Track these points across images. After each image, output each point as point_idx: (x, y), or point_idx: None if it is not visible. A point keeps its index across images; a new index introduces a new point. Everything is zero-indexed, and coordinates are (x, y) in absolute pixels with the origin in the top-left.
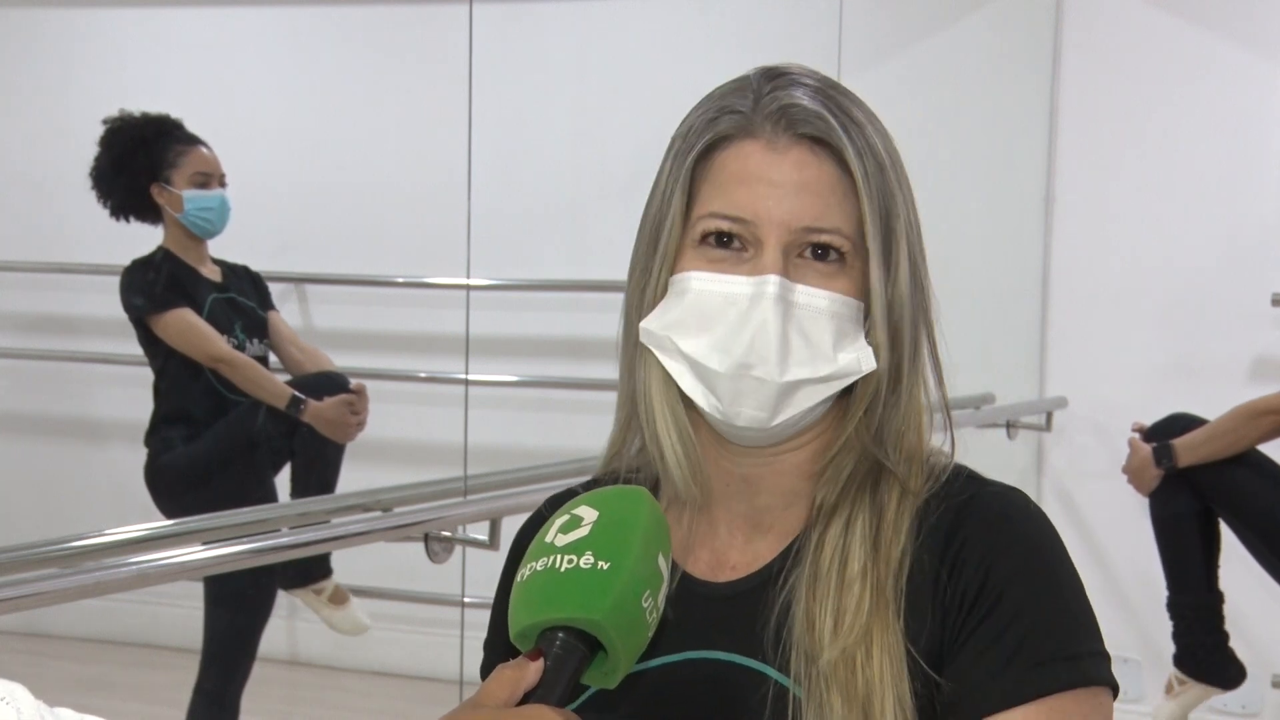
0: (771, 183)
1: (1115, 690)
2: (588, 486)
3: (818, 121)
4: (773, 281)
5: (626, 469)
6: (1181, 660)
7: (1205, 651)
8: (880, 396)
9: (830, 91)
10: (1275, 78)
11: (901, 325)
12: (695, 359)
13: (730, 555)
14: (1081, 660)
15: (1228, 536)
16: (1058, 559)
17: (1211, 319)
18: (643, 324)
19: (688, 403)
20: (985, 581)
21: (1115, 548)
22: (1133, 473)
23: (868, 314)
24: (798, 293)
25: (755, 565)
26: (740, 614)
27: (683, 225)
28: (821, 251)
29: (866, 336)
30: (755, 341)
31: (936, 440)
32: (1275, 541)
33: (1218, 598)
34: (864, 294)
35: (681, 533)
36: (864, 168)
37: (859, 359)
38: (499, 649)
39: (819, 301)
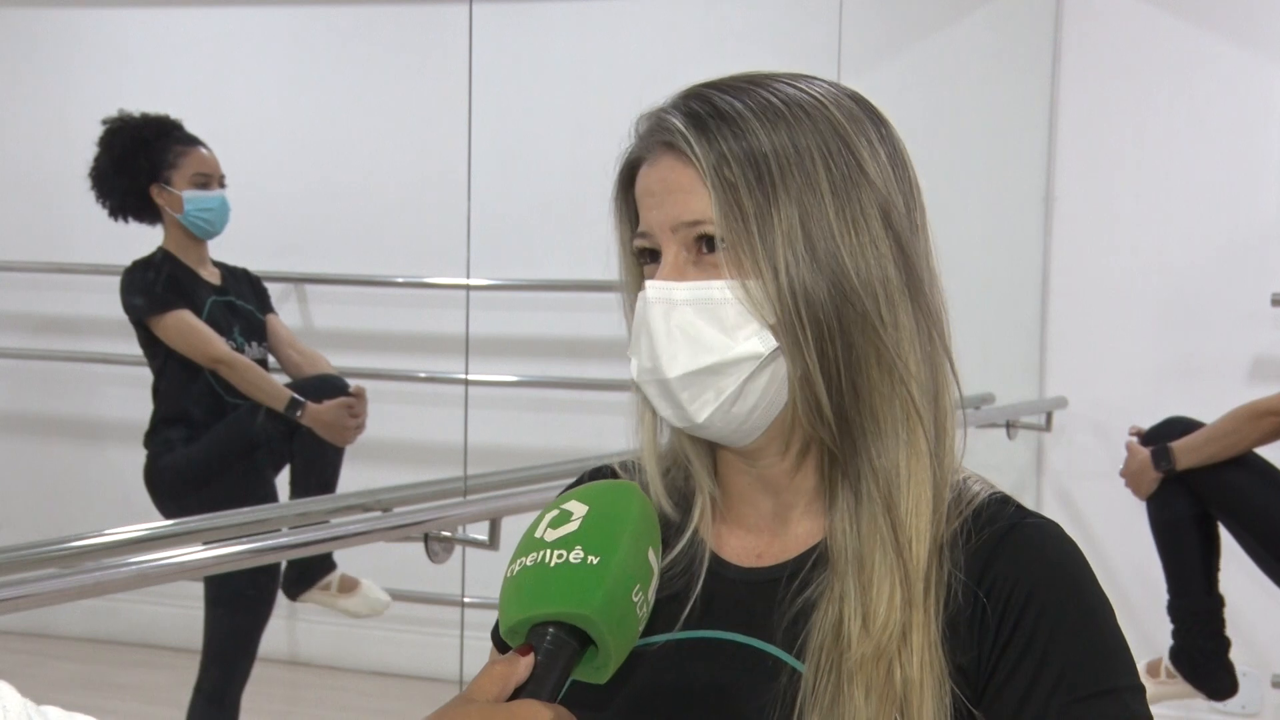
0: (652, 193)
1: None
2: (625, 468)
3: (669, 130)
4: (650, 286)
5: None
6: (1178, 659)
7: (1204, 657)
8: (812, 386)
9: (712, 91)
10: (1275, 78)
11: (804, 305)
12: (633, 373)
13: (758, 544)
14: (1121, 694)
15: (1227, 539)
16: (1095, 593)
17: (1211, 319)
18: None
19: None
20: (1024, 613)
21: (1115, 548)
22: (1131, 476)
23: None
24: (678, 289)
25: (782, 557)
26: (760, 601)
27: (632, 254)
28: (708, 245)
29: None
30: (648, 347)
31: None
32: (1273, 544)
33: (1218, 601)
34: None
35: (714, 517)
36: (706, 155)
37: (761, 339)
38: None
39: (698, 293)
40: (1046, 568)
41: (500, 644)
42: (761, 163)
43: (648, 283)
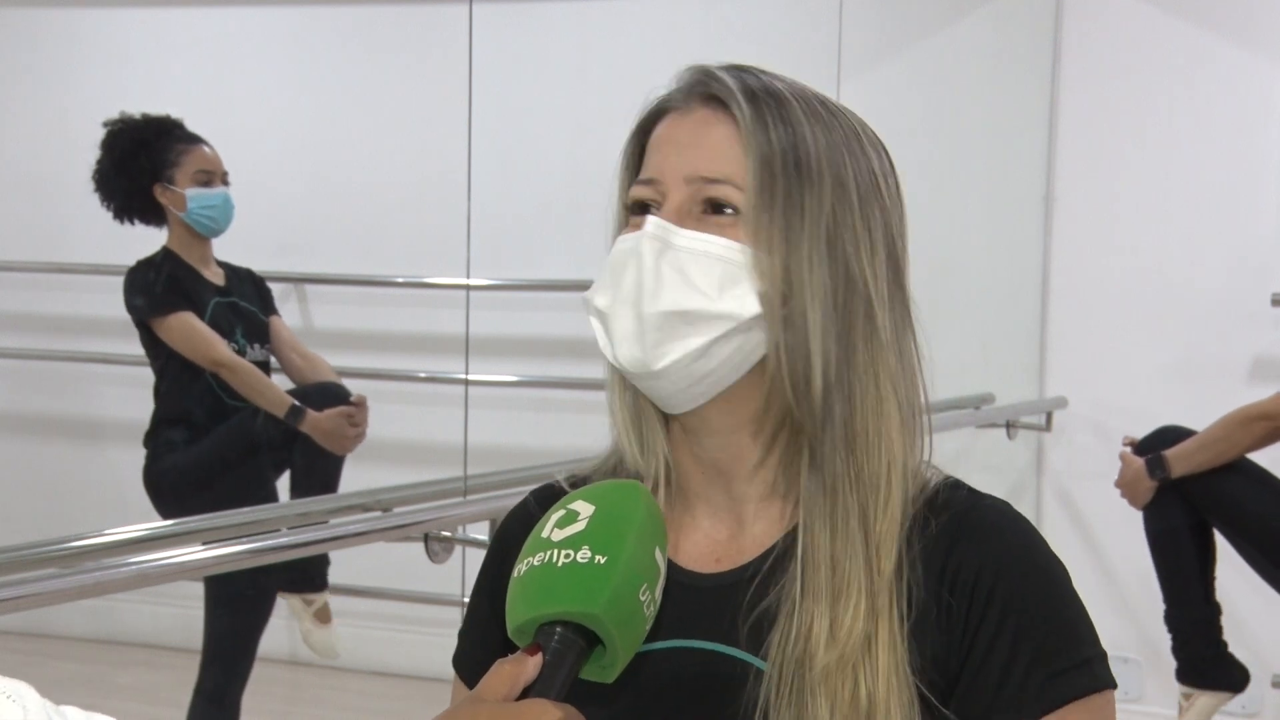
0: (674, 141)
1: (1115, 687)
2: (574, 485)
3: (717, 83)
4: (650, 222)
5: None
6: (1184, 674)
7: (1205, 663)
8: (804, 372)
9: (758, 72)
10: (1275, 78)
11: (811, 293)
12: (595, 307)
13: (715, 548)
14: (1092, 664)
15: (1224, 546)
16: (1055, 567)
17: (1211, 319)
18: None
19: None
20: (991, 597)
21: (1115, 548)
22: (1126, 486)
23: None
24: (681, 235)
25: (741, 559)
26: (724, 606)
27: (625, 207)
28: (717, 207)
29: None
30: (629, 276)
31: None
32: (1270, 548)
33: (1215, 610)
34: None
35: (668, 522)
36: (754, 123)
37: (744, 303)
38: (474, 640)
39: (702, 245)
40: (1008, 551)
41: (466, 676)
42: (803, 151)
43: (649, 218)
